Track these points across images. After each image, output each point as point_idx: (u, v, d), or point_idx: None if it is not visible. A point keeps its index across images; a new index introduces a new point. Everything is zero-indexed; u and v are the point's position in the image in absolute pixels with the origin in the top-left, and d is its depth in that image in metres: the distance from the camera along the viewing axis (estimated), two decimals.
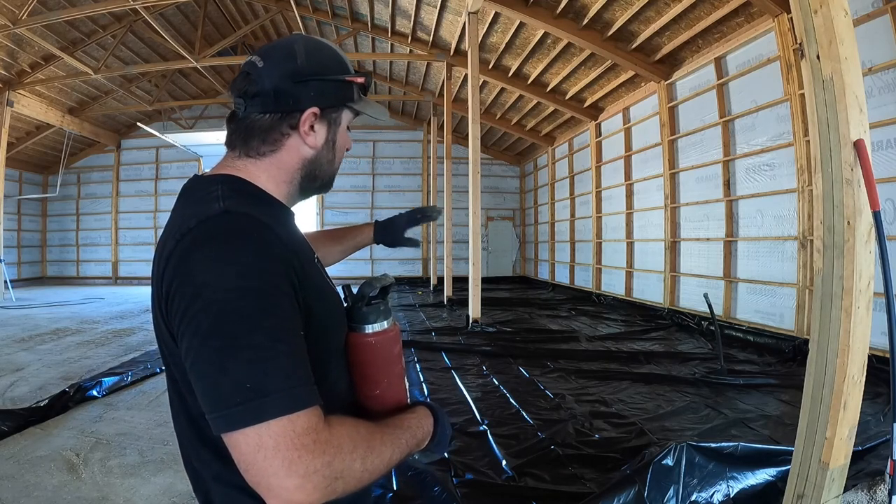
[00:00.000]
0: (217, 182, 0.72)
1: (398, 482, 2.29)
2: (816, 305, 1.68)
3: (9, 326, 7.10)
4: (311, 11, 9.99)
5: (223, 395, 0.57)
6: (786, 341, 5.01)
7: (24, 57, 9.72)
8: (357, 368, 0.78)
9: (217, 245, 0.62)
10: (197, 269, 0.61)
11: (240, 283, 0.59)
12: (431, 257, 12.65)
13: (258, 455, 0.55)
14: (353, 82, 0.79)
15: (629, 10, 6.14)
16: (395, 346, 0.80)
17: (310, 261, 0.74)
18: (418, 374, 4.33)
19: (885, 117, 4.10)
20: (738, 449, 2.32)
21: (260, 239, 0.64)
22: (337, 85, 0.77)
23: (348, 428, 0.62)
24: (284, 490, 0.55)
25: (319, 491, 0.56)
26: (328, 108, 0.77)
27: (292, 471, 0.55)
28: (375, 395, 0.78)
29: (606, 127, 9.29)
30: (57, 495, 2.44)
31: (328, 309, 0.73)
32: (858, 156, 1.54)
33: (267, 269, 0.62)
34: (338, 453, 0.58)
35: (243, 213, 0.66)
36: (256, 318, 0.58)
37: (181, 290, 0.61)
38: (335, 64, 0.78)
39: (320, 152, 0.79)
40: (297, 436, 0.56)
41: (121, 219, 14.42)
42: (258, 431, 0.55)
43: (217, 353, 0.57)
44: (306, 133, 0.76)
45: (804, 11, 1.61)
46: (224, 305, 0.58)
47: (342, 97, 0.79)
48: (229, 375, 0.57)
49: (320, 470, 0.56)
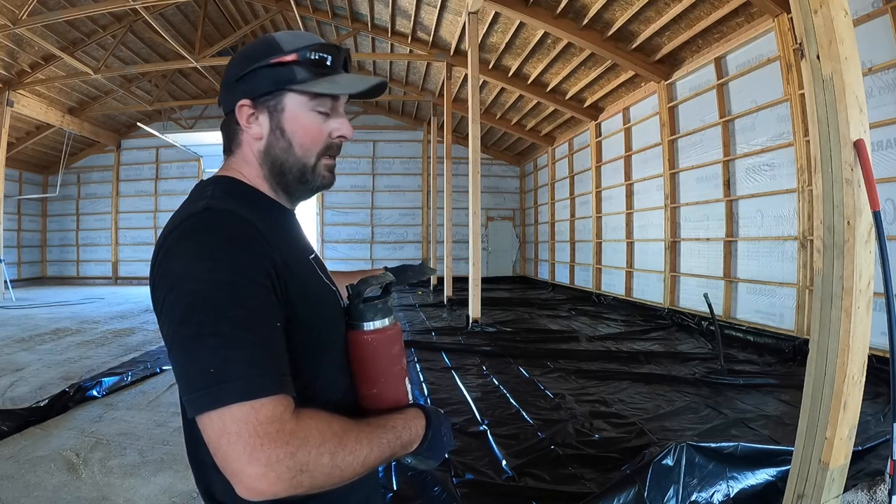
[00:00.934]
0: (211, 183, 0.76)
1: (398, 482, 2.29)
2: (816, 305, 1.68)
3: (9, 326, 7.10)
4: (311, 11, 9.99)
5: (191, 379, 0.59)
6: (786, 341, 5.01)
7: (24, 57, 9.72)
8: (355, 367, 0.78)
9: (194, 239, 0.65)
10: (175, 261, 0.64)
11: (212, 276, 0.61)
12: (431, 257, 12.65)
13: (222, 440, 0.56)
14: (283, 63, 0.74)
15: (629, 10, 6.14)
16: (393, 345, 0.79)
17: (299, 259, 0.75)
18: (418, 374, 4.33)
19: (885, 117, 4.10)
20: (738, 449, 2.32)
21: (236, 233, 0.66)
22: (266, 71, 0.75)
23: (319, 421, 0.62)
24: (247, 477, 0.56)
25: (283, 482, 0.56)
26: (261, 96, 0.75)
27: (254, 458, 0.55)
28: (373, 395, 0.78)
29: (606, 127, 9.29)
30: (57, 495, 2.44)
31: (316, 305, 0.74)
32: (858, 156, 1.54)
33: (240, 262, 0.63)
34: (302, 445, 0.58)
35: (224, 209, 0.68)
36: (224, 308, 0.60)
37: (161, 282, 0.65)
38: (263, 51, 0.76)
39: (269, 141, 0.77)
40: (259, 423, 0.56)
41: (121, 219, 14.41)
42: (221, 416, 0.57)
43: (186, 339, 0.60)
44: (247, 125, 0.77)
45: (804, 11, 1.61)
46: (195, 296, 0.61)
47: (275, 81, 0.75)
48: (196, 362, 0.59)
49: (283, 460, 0.56)
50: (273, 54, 0.75)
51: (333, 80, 0.76)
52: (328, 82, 0.76)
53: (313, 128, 0.77)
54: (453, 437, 0.84)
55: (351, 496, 0.73)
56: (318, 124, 0.77)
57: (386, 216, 14.36)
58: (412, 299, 10.00)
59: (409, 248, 14.42)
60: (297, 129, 0.76)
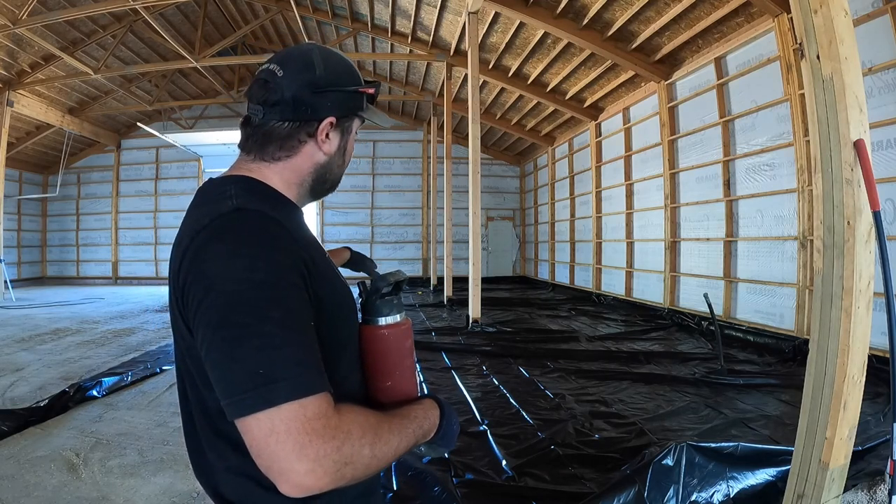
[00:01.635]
0: (230, 182, 0.76)
1: (398, 482, 2.29)
2: (816, 305, 1.68)
3: (9, 326, 7.10)
4: (311, 11, 9.99)
5: (235, 381, 0.59)
6: (786, 341, 5.01)
7: (24, 57, 9.72)
8: (370, 360, 0.80)
9: (228, 240, 0.65)
10: (210, 263, 0.64)
11: (250, 276, 0.62)
12: (431, 257, 12.65)
13: (270, 439, 0.57)
14: (364, 93, 0.84)
15: (629, 10, 6.14)
16: (406, 339, 0.82)
17: (321, 256, 0.76)
18: (419, 374, 4.33)
19: (885, 117, 4.10)
20: (738, 449, 2.32)
21: (270, 234, 0.67)
22: (350, 95, 0.82)
23: (357, 415, 0.64)
24: (295, 474, 0.57)
25: (329, 476, 0.57)
26: (342, 117, 0.82)
27: (303, 455, 0.56)
28: (387, 387, 0.80)
29: (606, 127, 9.29)
30: (57, 495, 2.44)
31: (339, 302, 0.75)
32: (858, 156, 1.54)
33: (276, 263, 0.64)
34: (347, 439, 0.59)
35: (254, 210, 0.69)
36: (265, 309, 0.61)
37: (195, 284, 0.64)
38: (349, 75, 0.82)
39: (333, 158, 0.83)
40: (307, 420, 0.58)
41: (121, 219, 14.42)
42: (270, 416, 0.57)
43: (228, 342, 0.60)
44: (323, 141, 0.80)
45: (804, 11, 1.61)
46: (234, 297, 0.61)
47: (354, 107, 0.83)
48: (240, 363, 0.59)
49: (330, 454, 0.57)
50: (357, 80, 0.83)
51: (374, 111, 0.87)
52: (377, 116, 0.87)
53: (352, 150, 0.88)
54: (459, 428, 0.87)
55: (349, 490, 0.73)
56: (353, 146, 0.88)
57: (386, 216, 14.36)
58: (412, 299, 10.00)
59: (409, 248, 14.42)
60: (350, 150, 0.87)
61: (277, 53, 0.82)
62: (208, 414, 0.72)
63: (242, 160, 0.81)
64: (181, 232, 0.73)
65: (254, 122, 0.79)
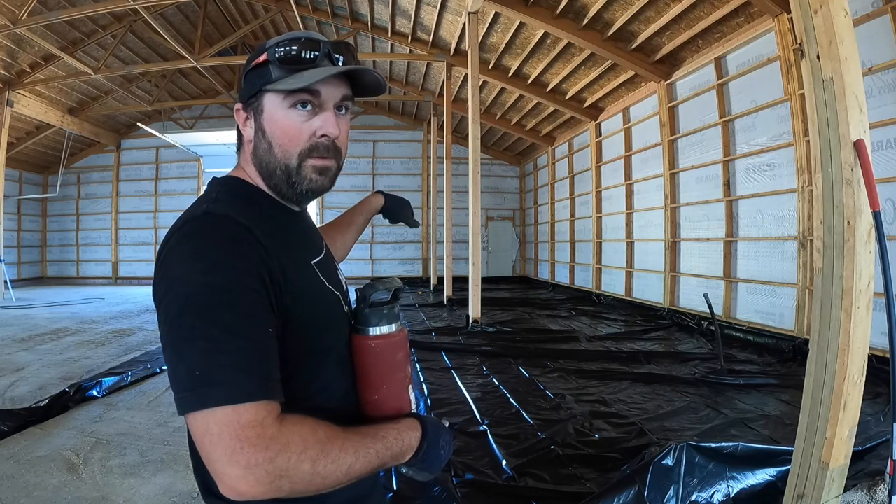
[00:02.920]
0: (220, 183, 0.78)
1: (398, 482, 2.29)
2: (816, 305, 1.68)
3: (9, 326, 7.10)
4: (311, 11, 9.99)
5: (179, 380, 0.61)
6: (786, 341, 5.01)
7: (24, 57, 9.72)
8: (357, 371, 0.78)
9: (192, 243, 0.66)
10: (173, 264, 0.65)
11: (205, 279, 0.63)
12: (431, 257, 12.65)
13: (205, 440, 0.58)
14: (260, 65, 0.75)
15: (629, 10, 6.14)
16: (397, 351, 0.78)
17: (298, 262, 0.75)
18: (418, 374, 4.33)
19: (885, 117, 4.10)
20: (738, 449, 2.32)
21: (232, 239, 0.67)
22: (253, 74, 0.77)
23: (303, 428, 0.62)
24: (227, 477, 0.57)
25: (263, 485, 0.57)
26: (248, 99, 0.78)
27: (233, 460, 0.57)
28: (374, 401, 0.77)
29: (606, 127, 9.29)
30: (57, 495, 2.44)
31: (315, 308, 0.74)
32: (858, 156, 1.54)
33: (234, 267, 0.64)
34: (282, 451, 0.58)
35: (222, 214, 0.69)
36: (215, 312, 0.61)
37: (160, 283, 0.66)
38: (253, 55, 0.78)
39: (255, 143, 0.77)
40: (240, 427, 0.58)
41: (121, 219, 14.41)
42: (205, 417, 0.58)
43: (178, 340, 0.62)
44: (243, 128, 0.80)
45: (804, 11, 1.61)
46: (188, 299, 0.62)
47: (257, 83, 0.76)
48: (185, 363, 0.60)
49: (262, 464, 0.57)
50: (257, 57, 0.77)
51: (302, 75, 0.73)
52: (295, 78, 0.73)
53: (291, 127, 0.74)
54: (453, 447, 0.83)
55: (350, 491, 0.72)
56: (297, 123, 0.74)
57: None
58: (412, 299, 10.00)
59: (409, 248, 14.42)
60: (275, 129, 0.74)
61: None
62: None
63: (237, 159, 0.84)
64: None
65: None
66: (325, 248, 0.88)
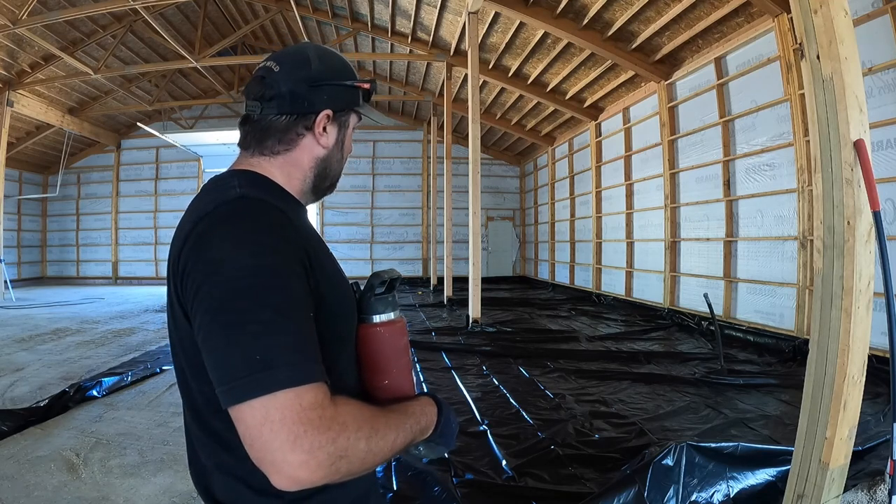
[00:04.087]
0: (235, 175, 0.77)
1: (398, 482, 2.29)
2: (816, 305, 1.68)
3: (9, 326, 7.10)
4: (311, 11, 9.99)
5: (232, 367, 0.58)
6: (786, 341, 5.01)
7: (24, 57, 9.72)
8: (366, 358, 0.80)
9: (232, 225, 0.65)
10: (212, 247, 0.64)
11: (252, 262, 0.62)
12: (431, 257, 12.65)
13: (264, 428, 0.56)
14: (359, 87, 0.84)
15: (629, 10, 6.14)
16: (402, 337, 0.82)
17: (323, 249, 0.77)
18: (418, 374, 4.33)
19: (885, 117, 4.10)
20: (738, 449, 2.32)
21: (274, 221, 0.67)
22: (346, 90, 0.82)
23: (353, 408, 0.63)
24: (288, 465, 0.55)
25: (323, 468, 0.56)
26: (338, 111, 0.82)
27: (297, 445, 0.55)
28: (384, 386, 0.80)
29: (606, 127, 9.29)
30: (57, 495, 2.44)
31: (339, 296, 0.75)
32: (858, 156, 1.54)
33: (279, 250, 0.64)
34: (343, 431, 0.58)
35: (258, 198, 0.70)
36: (265, 295, 0.60)
37: (196, 268, 0.64)
38: (345, 70, 0.83)
39: (331, 152, 0.83)
40: (303, 410, 0.56)
41: (121, 219, 14.41)
42: (264, 403, 0.56)
43: (227, 327, 0.59)
44: (320, 134, 0.81)
45: (804, 11, 1.61)
46: (235, 283, 0.61)
47: (350, 101, 0.83)
48: (238, 348, 0.58)
49: (325, 446, 0.56)
50: (352, 76, 0.84)
51: (371, 107, 0.87)
52: (373, 113, 0.87)
53: (351, 146, 0.88)
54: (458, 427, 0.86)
55: (349, 492, 0.73)
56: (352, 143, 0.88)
57: (386, 216, 14.36)
58: (412, 299, 10.00)
59: (409, 248, 14.42)
60: (349, 145, 0.87)
61: (274, 52, 0.83)
62: (197, 409, 0.71)
63: (243, 157, 0.81)
64: (184, 219, 0.72)
65: (252, 119, 0.80)
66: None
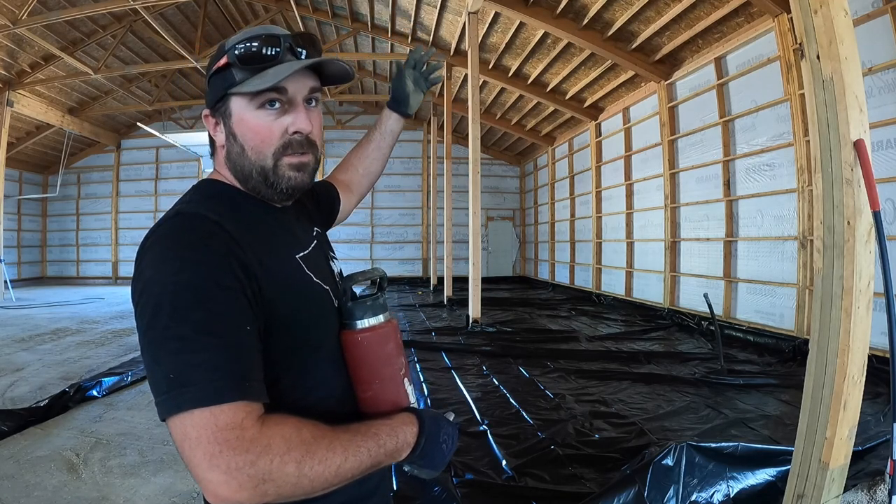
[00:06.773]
0: (196, 186, 0.77)
1: (398, 482, 2.29)
2: (816, 305, 1.68)
3: (9, 326, 7.10)
4: (311, 11, 9.99)
5: (155, 384, 0.59)
6: (786, 341, 5.01)
7: (24, 57, 9.71)
8: (349, 368, 0.76)
9: (162, 244, 0.65)
10: (144, 267, 0.64)
11: (175, 279, 0.61)
12: (431, 257, 12.65)
13: (184, 445, 0.56)
14: (221, 68, 0.74)
15: (629, 10, 6.14)
16: (386, 343, 0.76)
17: (280, 257, 0.74)
18: (418, 374, 4.33)
19: (885, 117, 4.10)
20: (738, 449, 2.32)
21: (202, 236, 0.65)
22: (216, 79, 0.75)
23: (286, 428, 0.59)
24: (209, 483, 0.55)
25: (246, 490, 0.55)
26: (215, 104, 0.76)
27: (213, 465, 0.55)
28: (368, 398, 0.75)
29: (606, 127, 9.29)
30: (57, 495, 2.44)
31: (301, 302, 0.72)
32: (858, 156, 1.54)
33: (204, 264, 0.62)
34: (264, 453, 0.56)
35: (193, 213, 0.68)
36: (186, 312, 0.59)
37: (133, 288, 0.65)
38: (213, 59, 0.76)
39: (228, 148, 0.76)
40: (218, 430, 0.55)
41: (121, 219, 14.41)
42: (182, 421, 0.56)
43: (151, 345, 0.60)
44: (214, 134, 0.78)
45: (804, 11, 1.61)
46: (159, 299, 0.60)
47: (222, 87, 0.74)
48: (159, 366, 0.59)
49: (243, 468, 0.55)
50: (217, 59, 0.75)
51: (266, 73, 0.71)
52: (259, 77, 0.71)
53: (262, 128, 0.73)
54: (457, 441, 0.79)
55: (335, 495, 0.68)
56: (266, 123, 0.73)
57: (386, 216, 14.35)
58: (412, 299, 10.00)
59: (409, 248, 14.42)
60: (246, 132, 0.73)
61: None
62: None
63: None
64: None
65: None
66: (315, 242, 0.86)
